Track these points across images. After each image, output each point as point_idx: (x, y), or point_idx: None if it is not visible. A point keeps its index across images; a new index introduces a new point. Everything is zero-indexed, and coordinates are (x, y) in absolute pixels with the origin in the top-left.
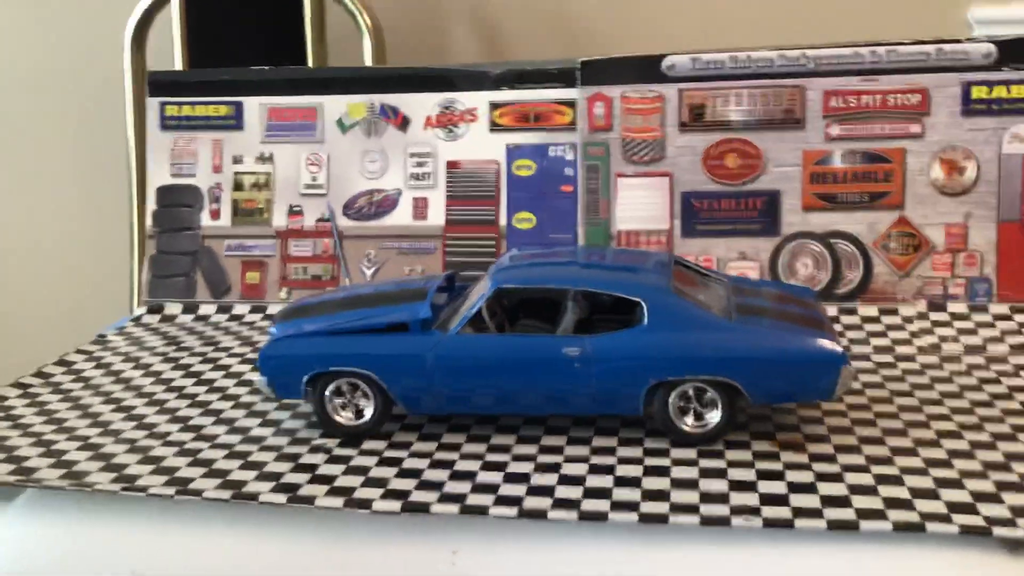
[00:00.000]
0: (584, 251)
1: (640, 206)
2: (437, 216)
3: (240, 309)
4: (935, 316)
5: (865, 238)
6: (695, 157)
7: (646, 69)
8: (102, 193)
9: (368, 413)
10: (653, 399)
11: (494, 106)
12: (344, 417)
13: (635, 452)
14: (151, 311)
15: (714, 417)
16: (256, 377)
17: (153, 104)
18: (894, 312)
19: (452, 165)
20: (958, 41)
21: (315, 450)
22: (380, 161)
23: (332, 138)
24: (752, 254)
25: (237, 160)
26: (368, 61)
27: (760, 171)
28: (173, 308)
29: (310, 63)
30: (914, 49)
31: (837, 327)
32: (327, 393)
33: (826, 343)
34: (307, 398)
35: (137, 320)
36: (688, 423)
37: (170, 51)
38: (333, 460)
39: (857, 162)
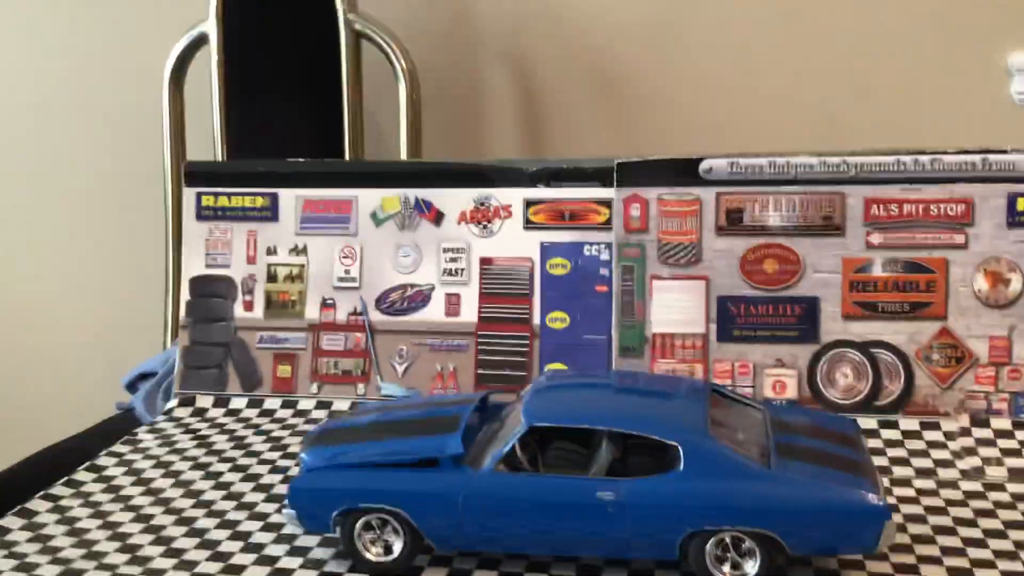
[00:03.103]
0: (618, 378)
1: (675, 309)
2: (470, 313)
3: (271, 404)
4: (978, 433)
5: (906, 349)
6: (732, 261)
7: (683, 172)
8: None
9: (397, 549)
10: (689, 547)
11: (529, 203)
12: (373, 553)
13: None
14: (182, 403)
15: (752, 567)
16: (285, 510)
17: (190, 194)
18: (936, 427)
19: (485, 261)
20: (1004, 152)
21: None
22: (413, 255)
23: (366, 231)
24: (790, 361)
25: (271, 251)
26: (403, 106)
27: (799, 277)
28: (204, 401)
29: (345, 103)
30: (958, 159)
31: (877, 443)
32: (357, 528)
33: (869, 496)
34: (336, 532)
35: (169, 414)
36: (725, 572)
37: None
38: None
39: (898, 271)
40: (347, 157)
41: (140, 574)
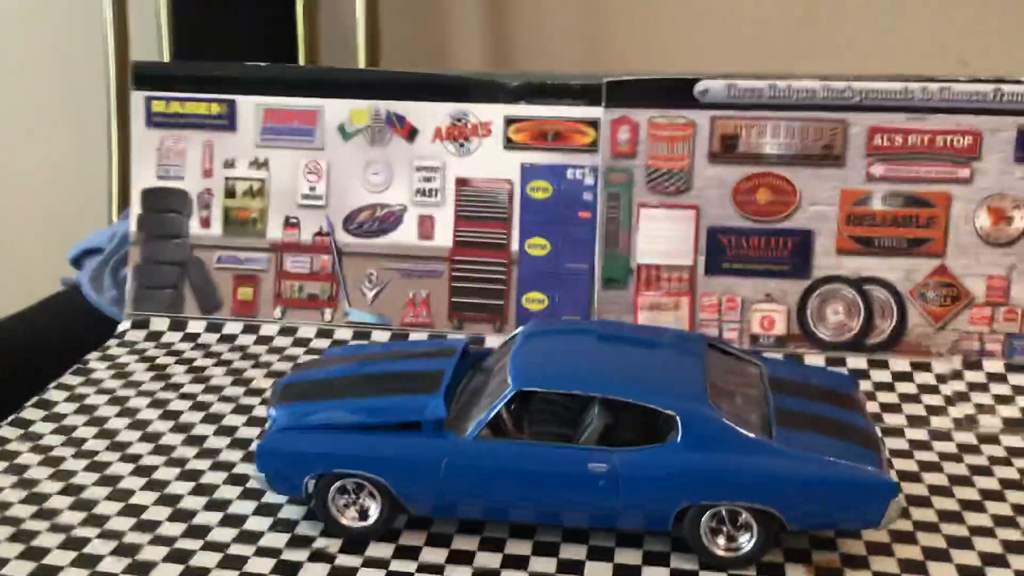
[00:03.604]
0: (608, 331)
1: (663, 239)
2: (444, 237)
3: (232, 328)
4: (970, 376)
5: (901, 286)
6: (724, 190)
7: (677, 93)
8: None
9: (374, 514)
10: (684, 518)
11: (509, 121)
12: (348, 518)
13: (661, 573)
14: (136, 325)
15: (748, 541)
16: (253, 471)
17: (138, 98)
18: (927, 368)
19: (462, 182)
20: (1019, 81)
21: (316, 557)
22: (384, 173)
23: (333, 145)
24: (779, 296)
25: (229, 164)
26: (359, 9)
27: (793, 209)
28: (159, 323)
29: (298, 3)
30: (969, 88)
31: (867, 385)
32: (331, 492)
33: (876, 472)
34: (308, 496)
35: (121, 337)
36: (720, 545)
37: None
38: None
39: (898, 205)
40: (301, 63)
41: (96, 536)
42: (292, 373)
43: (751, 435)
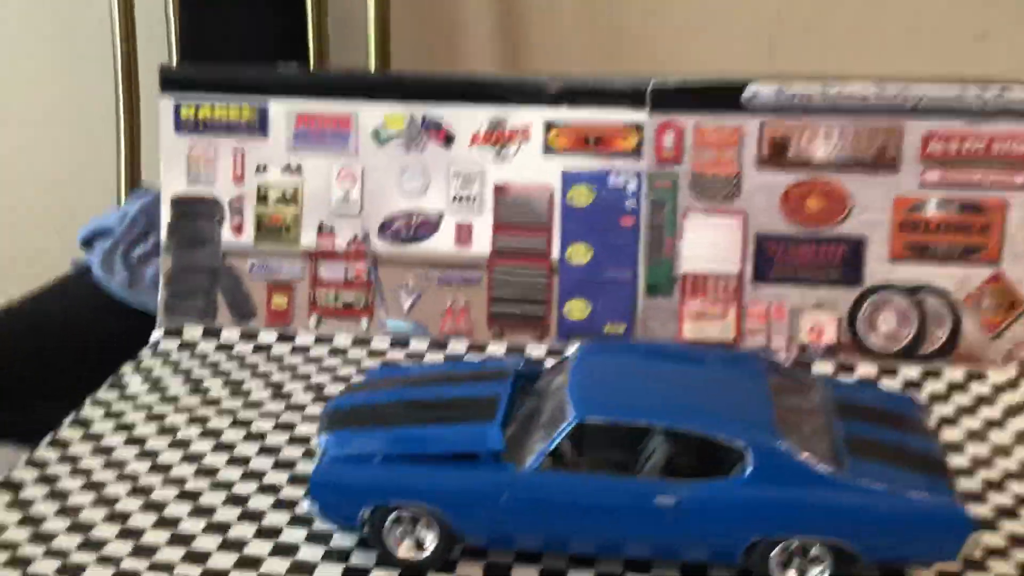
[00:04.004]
0: (668, 354)
1: (709, 246)
2: (482, 244)
3: (266, 338)
4: None
5: (955, 294)
6: (773, 197)
7: (724, 97)
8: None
9: (430, 545)
10: (752, 552)
11: (549, 125)
12: (405, 549)
13: None
14: (168, 334)
15: (819, 574)
16: (306, 504)
17: (167, 104)
18: (982, 377)
19: (500, 189)
20: None
21: None
22: (420, 179)
23: (367, 151)
24: (830, 305)
25: (261, 170)
26: (371, 11)
27: (845, 216)
28: (192, 332)
29: (308, 4)
30: None
31: (922, 395)
32: (387, 523)
33: (954, 506)
34: (364, 527)
35: (155, 347)
36: None
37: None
38: None
39: (953, 212)
40: (312, 63)
41: (146, 569)
42: (339, 397)
43: (824, 468)
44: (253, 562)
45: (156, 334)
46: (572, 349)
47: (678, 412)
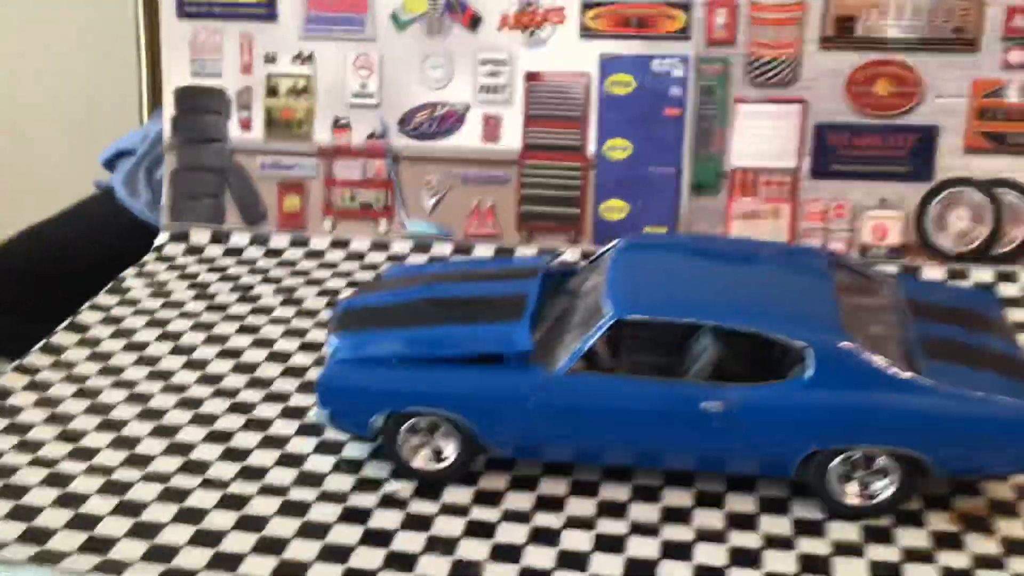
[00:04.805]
0: (717, 247)
1: (763, 138)
2: (512, 139)
3: (278, 242)
4: None
5: None
6: (837, 81)
7: None
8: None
9: (450, 456)
10: (810, 463)
11: (586, 5)
12: (423, 459)
13: (783, 525)
14: (174, 238)
15: (885, 488)
16: (314, 409)
17: None
18: None
19: (532, 77)
20: None
21: (387, 503)
22: (444, 67)
23: (386, 36)
24: (896, 202)
25: (270, 59)
26: None
27: (917, 101)
28: (200, 236)
29: None
30: None
31: None
32: (402, 431)
33: None
34: (377, 436)
35: (160, 251)
36: (852, 492)
37: None
38: (411, 525)
39: None
40: None
41: (140, 479)
42: (352, 296)
43: (895, 370)
44: (256, 472)
45: (161, 238)
46: (611, 244)
47: (729, 309)
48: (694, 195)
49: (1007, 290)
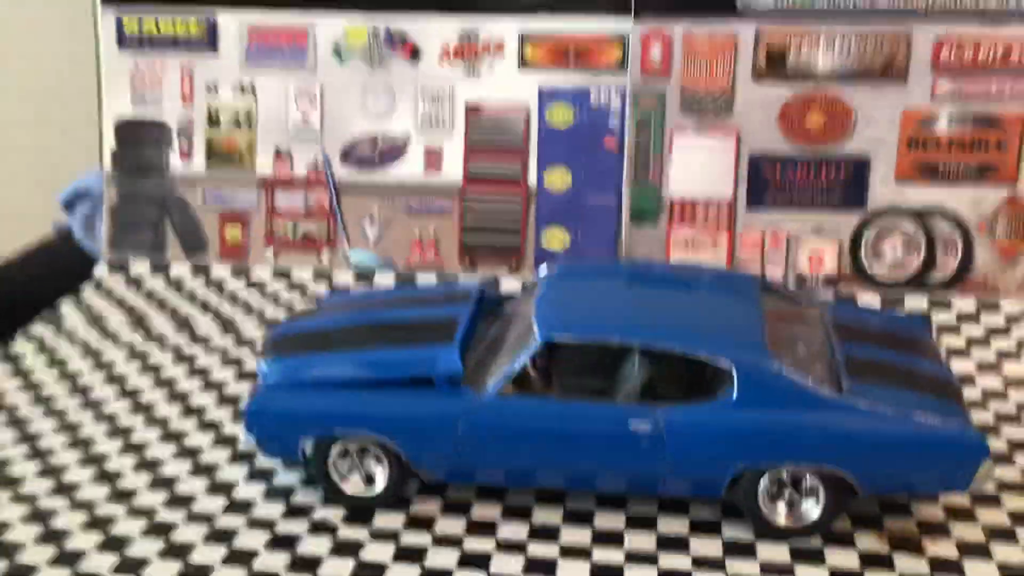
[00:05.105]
0: (644, 272)
1: (699, 169)
2: (453, 170)
3: (219, 272)
4: None
5: (968, 219)
6: (770, 113)
7: (716, 1)
8: None
9: (381, 481)
10: (738, 483)
11: (524, 38)
12: (352, 484)
13: (712, 546)
14: (113, 269)
15: (813, 509)
16: (242, 435)
17: (108, 18)
18: (995, 308)
19: (472, 109)
20: None
21: (317, 529)
22: (385, 99)
23: (327, 68)
24: (830, 231)
25: (211, 89)
26: None
27: (848, 132)
28: (140, 267)
29: None
30: None
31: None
32: (331, 456)
33: (965, 430)
34: (306, 462)
35: (99, 284)
36: (781, 512)
37: None
38: (340, 551)
39: (966, 127)
40: None
41: (67, 508)
42: (285, 322)
43: (818, 388)
44: (184, 500)
45: (99, 269)
46: (544, 270)
47: (656, 330)
48: (634, 225)
49: (942, 317)
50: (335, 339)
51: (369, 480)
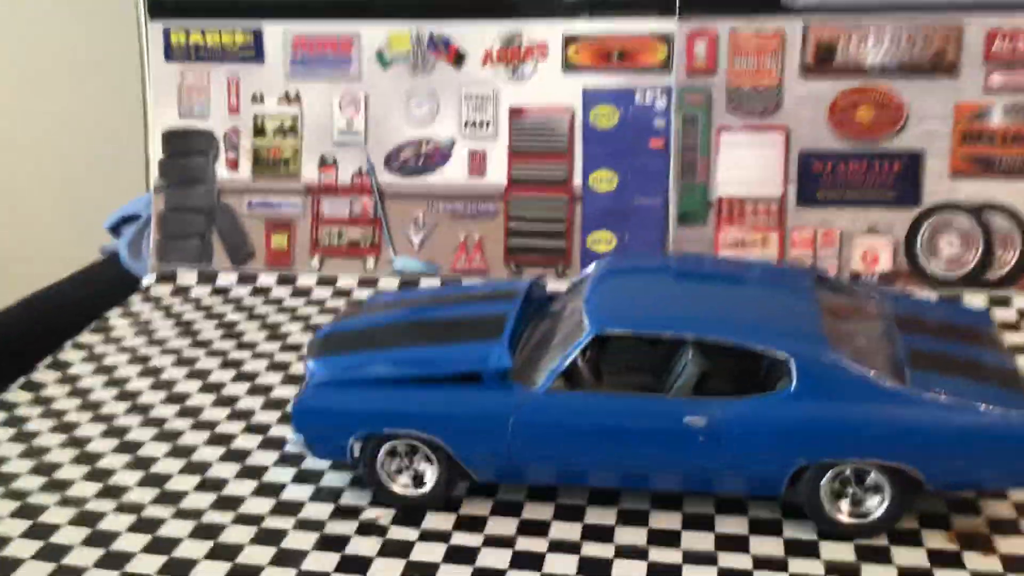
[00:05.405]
0: (697, 265)
1: (747, 167)
2: (497, 173)
3: (265, 280)
4: None
5: None
6: (819, 108)
7: None
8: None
9: (431, 480)
10: (799, 480)
11: (568, 40)
12: (402, 484)
13: (774, 544)
14: (161, 279)
15: (878, 506)
16: (290, 434)
17: (155, 30)
18: None
19: (516, 112)
20: None
21: (365, 530)
22: (429, 104)
23: (371, 75)
24: (884, 228)
25: (257, 99)
26: None
27: (900, 127)
28: (187, 277)
29: None
30: None
31: None
32: (380, 455)
33: None
34: (355, 461)
35: (146, 292)
36: (844, 510)
37: None
38: (389, 551)
39: (1021, 119)
40: None
41: (113, 510)
42: (333, 323)
43: (881, 380)
44: (233, 502)
45: (147, 279)
46: (593, 266)
47: (710, 322)
48: (681, 225)
49: (1002, 315)
50: (382, 337)
51: (418, 480)
